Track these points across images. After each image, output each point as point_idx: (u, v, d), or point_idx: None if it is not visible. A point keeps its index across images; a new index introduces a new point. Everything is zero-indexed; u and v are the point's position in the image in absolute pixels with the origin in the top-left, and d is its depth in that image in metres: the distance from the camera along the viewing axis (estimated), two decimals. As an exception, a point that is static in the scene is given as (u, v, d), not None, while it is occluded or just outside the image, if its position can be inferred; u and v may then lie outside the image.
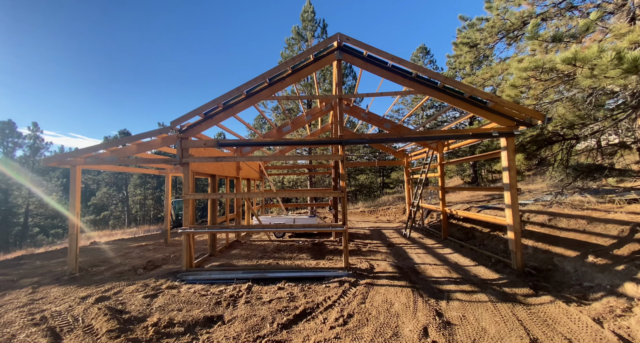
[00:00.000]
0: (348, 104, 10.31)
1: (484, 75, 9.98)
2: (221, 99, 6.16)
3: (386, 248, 8.26)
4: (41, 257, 9.15)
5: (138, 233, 16.42)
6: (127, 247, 10.14)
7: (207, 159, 6.35)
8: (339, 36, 6.11)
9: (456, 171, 26.16)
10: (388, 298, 4.55)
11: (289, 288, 5.10)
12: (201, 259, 7.16)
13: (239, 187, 10.28)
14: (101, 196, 37.98)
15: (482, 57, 13.50)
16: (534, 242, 6.75)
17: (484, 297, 4.52)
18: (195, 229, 6.13)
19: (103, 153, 6.67)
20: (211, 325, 3.89)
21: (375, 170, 32.91)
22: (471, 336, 3.42)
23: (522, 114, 5.86)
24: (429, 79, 6.28)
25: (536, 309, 4.04)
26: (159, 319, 3.91)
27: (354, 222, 15.25)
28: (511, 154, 5.97)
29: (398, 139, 6.65)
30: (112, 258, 8.07)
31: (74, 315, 4.19)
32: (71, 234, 6.53)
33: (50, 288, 5.54)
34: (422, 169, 10.37)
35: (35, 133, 27.95)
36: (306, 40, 19.43)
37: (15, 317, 4.20)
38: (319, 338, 3.44)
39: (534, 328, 3.55)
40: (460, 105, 6.23)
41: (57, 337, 3.64)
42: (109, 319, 3.90)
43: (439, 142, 9.51)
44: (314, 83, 18.64)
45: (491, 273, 5.65)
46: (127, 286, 5.40)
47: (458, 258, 6.84)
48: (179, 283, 5.48)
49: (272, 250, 8.30)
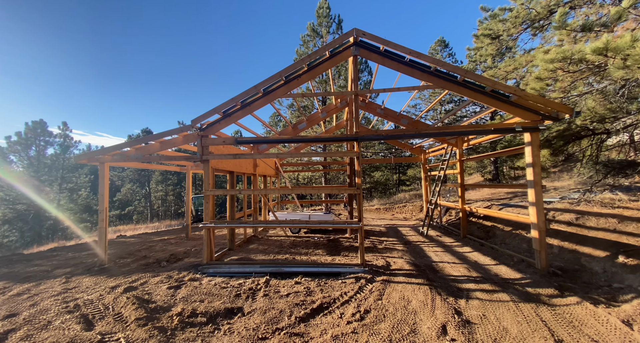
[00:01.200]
0: (364, 99, 10.21)
1: (506, 67, 9.58)
2: (239, 98, 6.28)
3: (403, 245, 8.19)
4: (72, 249, 9.74)
5: (160, 227, 17.11)
6: (150, 240, 10.59)
7: (226, 156, 6.50)
8: (355, 31, 6.06)
9: (476, 168, 25.38)
10: (405, 295, 4.53)
11: (305, 283, 5.17)
12: (221, 253, 7.38)
13: (256, 183, 10.47)
14: (126, 192, 39.75)
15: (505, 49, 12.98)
16: (559, 242, 6.47)
17: (505, 296, 4.40)
18: (215, 224, 6.33)
19: (128, 151, 6.99)
20: (232, 316, 4.02)
21: (391, 167, 32.49)
22: (492, 335, 3.36)
23: (548, 108, 5.61)
24: (448, 73, 6.12)
25: (561, 310, 3.90)
26: (183, 309, 4.08)
27: (369, 219, 15.17)
28: (536, 149, 5.73)
29: (416, 135, 6.53)
30: (137, 251, 8.47)
31: (105, 304, 4.45)
32: (100, 228, 6.90)
33: (82, 278, 5.90)
34: (440, 165, 10.15)
35: (65, 132, 29.52)
36: (321, 37, 19.35)
37: (51, 305, 4.52)
38: (337, 332, 3.48)
39: (559, 329, 3.43)
40: (481, 100, 6.04)
41: (90, 323, 3.89)
42: (137, 308, 4.12)
43: (458, 138, 9.26)
44: (329, 79, 18.58)
45: (513, 273, 5.48)
46: (152, 277, 5.66)
47: (478, 257, 6.67)
48: (200, 276, 5.68)
49: (288, 246, 8.42)
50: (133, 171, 41.34)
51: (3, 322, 3.98)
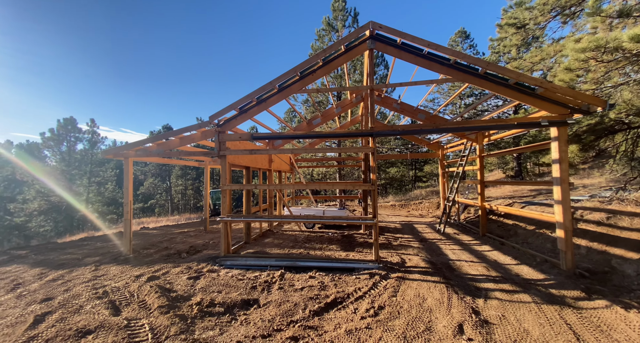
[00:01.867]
0: (379, 94, 10.04)
1: (532, 58, 9.10)
2: (255, 94, 6.34)
3: (418, 243, 8.06)
4: (100, 239, 10.31)
5: (180, 220, 17.76)
6: (171, 232, 11.03)
7: (243, 152, 6.62)
8: (372, 24, 5.93)
9: (497, 164, 24.41)
10: (420, 293, 4.47)
11: (319, 277, 5.21)
12: (237, 246, 7.57)
13: (271, 179, 10.60)
14: (148, 186, 41.46)
15: (531, 39, 12.29)
16: (587, 242, 6.14)
17: (527, 297, 4.25)
18: (233, 218, 6.48)
19: (150, 146, 7.26)
20: (248, 307, 4.13)
21: (407, 163, 31.89)
22: (511, 337, 3.25)
23: (578, 100, 5.28)
24: (469, 65, 5.88)
25: (588, 314, 3.71)
26: (202, 299, 4.23)
27: (384, 215, 15.02)
28: (563, 144, 5.43)
29: (433, 130, 6.36)
30: (159, 243, 8.85)
31: (130, 291, 4.70)
32: (125, 220, 7.25)
33: (109, 266, 6.25)
34: (459, 161, 9.84)
35: (93, 128, 31.07)
36: (337, 31, 19.12)
37: (82, 291, 4.82)
38: (350, 327, 3.50)
39: (585, 333, 3.28)
40: (504, 93, 5.77)
41: (117, 309, 4.12)
42: (160, 296, 4.32)
43: (478, 133, 8.93)
44: (344, 74, 18.37)
45: (536, 273, 5.27)
46: (173, 268, 5.91)
47: (498, 256, 6.46)
48: (218, 268, 5.86)
49: (303, 240, 8.51)
50: (155, 166, 43.01)
51: (41, 305, 4.29)
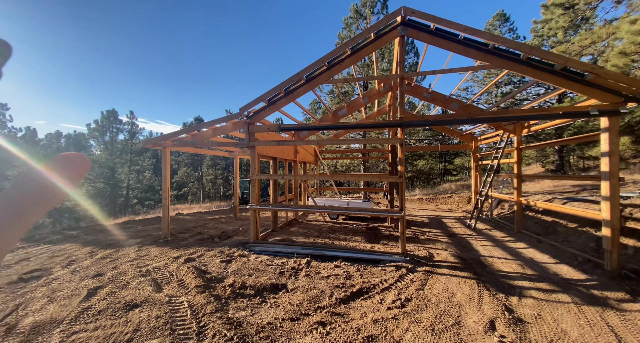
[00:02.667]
0: (409, 83, 9.70)
1: (581, 42, 8.27)
2: (283, 85, 6.42)
3: (447, 238, 7.85)
4: (141, 223, 11.17)
5: (211, 208, 18.68)
6: (203, 219, 11.67)
7: (270, 143, 6.78)
8: (404, 10, 5.70)
9: (536, 157, 22.79)
10: (449, 287, 4.40)
11: (345, 267, 5.30)
12: (265, 233, 7.86)
13: (296, 169, 10.77)
14: (182, 175, 43.91)
15: (580, 21, 11.19)
16: (635, 242, 5.64)
17: (565, 297, 4.03)
18: (261, 206, 6.72)
19: (185, 137, 7.66)
20: (277, 291, 4.32)
21: (436, 156, 30.77)
22: (547, 336, 3.13)
23: (633, 88, 4.76)
24: (509, 50, 5.49)
25: (632, 316, 3.46)
26: (234, 281, 4.49)
27: (410, 209, 14.73)
28: (614, 136, 4.96)
29: (468, 120, 6.06)
30: (193, 228, 9.42)
31: (170, 271, 5.09)
32: (164, 206, 7.79)
33: (150, 248, 6.79)
34: (493, 154, 9.34)
35: (132, 120, 33.26)
36: (365, 18, 18.58)
37: (128, 269, 5.30)
38: (377, 316, 3.55)
39: (629, 336, 3.07)
40: (548, 80, 5.34)
41: (159, 286, 4.50)
42: (196, 277, 4.64)
43: (517, 124, 8.37)
44: (371, 63, 17.90)
45: (576, 273, 4.95)
46: (207, 251, 6.29)
47: (534, 254, 6.14)
48: (247, 253, 6.16)
49: (327, 231, 8.63)
50: (187, 156, 45.33)
51: (92, 280, 4.80)
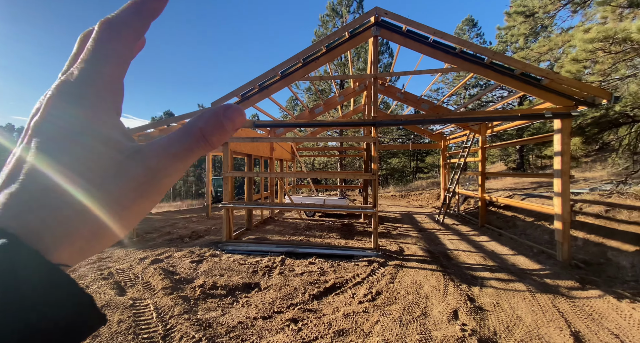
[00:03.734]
0: (383, 83, 9.91)
1: (540, 48, 8.92)
2: (257, 81, 6.28)
3: (417, 232, 8.16)
4: (104, 223, 10.46)
5: (182, 206, 17.93)
6: (173, 218, 11.18)
7: (244, 139, 6.62)
8: (377, 10, 5.80)
9: (499, 156, 24.35)
10: (417, 280, 4.57)
11: (319, 263, 5.33)
12: (239, 232, 7.69)
13: (272, 167, 10.64)
14: (150, 173, 41.80)
15: (540, 28, 11.99)
16: (585, 234, 6.21)
17: (521, 286, 4.35)
18: (234, 204, 6.56)
19: (152, 132, 7.27)
20: (249, 290, 4.25)
21: (409, 154, 31.80)
22: (504, 322, 3.36)
23: (584, 93, 5.22)
24: (475, 55, 5.79)
25: (581, 303, 3.81)
26: (205, 282, 4.35)
27: (384, 205, 15.13)
28: (566, 137, 5.41)
29: (437, 120, 6.32)
30: (162, 227, 8.99)
31: (135, 273, 4.82)
32: (128, 204, 7.35)
33: (113, 249, 6.38)
34: (461, 152, 9.83)
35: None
36: (341, 17, 18.69)
37: (88, 271, 4.94)
38: (348, 310, 3.61)
39: (577, 321, 3.38)
40: (509, 83, 5.70)
41: (122, 289, 4.25)
42: (163, 278, 4.44)
43: (482, 124, 8.86)
44: (347, 62, 18.08)
45: (532, 264, 5.37)
46: (176, 252, 6.03)
47: (495, 247, 6.56)
48: (220, 252, 5.99)
49: (303, 228, 8.63)
50: (156, 153, 43.19)
51: (47, 284, 4.42)
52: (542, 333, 3.15)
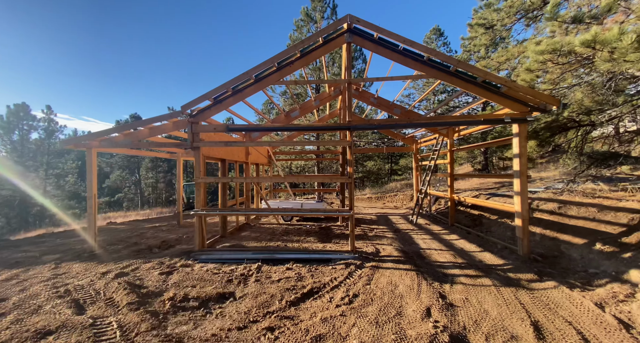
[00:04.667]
0: (357, 88, 10.14)
1: (499, 58, 9.61)
2: (230, 84, 6.16)
3: (392, 233, 8.38)
4: (61, 235, 9.63)
5: (151, 215, 16.98)
6: (141, 227, 10.55)
7: (217, 144, 6.44)
8: (349, 18, 5.94)
9: (467, 158, 25.76)
10: (393, 280, 4.69)
11: (296, 268, 5.28)
12: (212, 240, 7.42)
13: (248, 171, 10.43)
14: (115, 179, 39.11)
15: (499, 40, 12.91)
16: (541, 230, 6.73)
17: (487, 281, 4.61)
18: (207, 211, 6.33)
19: (117, 136, 6.84)
20: (223, 301, 4.11)
21: (384, 157, 32.67)
22: (473, 317, 3.54)
23: (537, 100, 5.69)
24: (441, 63, 6.11)
25: (539, 294, 4.11)
26: (175, 294, 4.14)
27: (360, 207, 15.38)
28: (523, 140, 5.85)
29: (407, 124, 6.57)
30: (128, 238, 8.44)
31: (96, 289, 4.47)
32: (89, 214, 6.83)
33: (71, 264, 5.88)
34: (431, 155, 10.27)
35: (49, 116, 28.51)
36: (315, 22, 18.89)
37: (41, 290, 4.51)
38: (326, 315, 3.60)
39: (536, 311, 3.64)
40: (472, 90, 6.08)
41: (81, 308, 3.92)
42: (129, 293, 4.16)
43: (449, 128, 9.35)
44: (322, 67, 18.27)
45: (496, 259, 5.71)
46: (144, 263, 5.69)
47: (464, 244, 6.90)
48: (192, 262, 5.73)
49: (281, 233, 8.52)
50: (122, 157, 40.53)
51: (-8, 307, 3.97)
52: (507, 324, 3.35)
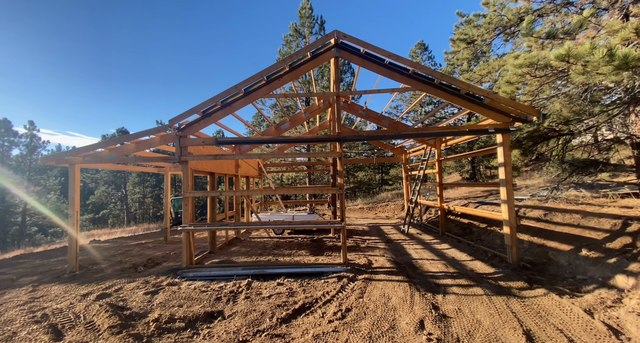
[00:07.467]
0: (346, 100, 10.32)
1: (481, 71, 10.01)
2: (219, 97, 6.17)
3: (384, 244, 8.35)
4: (40, 255, 9.18)
5: (137, 231, 16.45)
6: (127, 245, 10.18)
7: (206, 157, 6.37)
8: (336, 33, 6.12)
9: (455, 167, 26.26)
10: (385, 292, 4.63)
11: (288, 283, 5.16)
12: (201, 256, 7.22)
13: (238, 184, 10.32)
14: (100, 195, 37.91)
15: (480, 54, 13.48)
16: (529, 237, 6.84)
17: (479, 290, 4.61)
18: (195, 227, 6.18)
19: (102, 152, 6.69)
20: (212, 320, 3.95)
21: (374, 167, 32.97)
22: (466, 328, 3.50)
23: (518, 110, 5.92)
24: (426, 76, 6.31)
25: (530, 302, 4.13)
26: (160, 315, 3.96)
27: (352, 218, 15.34)
28: (507, 150, 6.03)
29: (396, 135, 6.69)
30: (112, 256, 8.12)
31: (75, 312, 4.24)
32: (71, 232, 6.56)
33: (50, 286, 5.59)
34: (420, 165, 10.43)
35: (32, 131, 27.78)
36: (304, 37, 19.35)
37: (16, 315, 4.25)
38: (318, 331, 3.51)
39: (527, 320, 3.64)
40: (457, 102, 6.27)
41: (59, 333, 3.70)
42: (111, 315, 3.96)
43: (436, 139, 9.56)
44: (312, 80, 18.60)
45: (487, 268, 5.74)
46: (128, 283, 5.45)
47: (455, 254, 6.92)
48: (179, 280, 5.53)
49: (272, 247, 8.37)
50: (108, 173, 39.51)
51: (-40, 336, 3.70)
52: (499, 335, 3.33)
